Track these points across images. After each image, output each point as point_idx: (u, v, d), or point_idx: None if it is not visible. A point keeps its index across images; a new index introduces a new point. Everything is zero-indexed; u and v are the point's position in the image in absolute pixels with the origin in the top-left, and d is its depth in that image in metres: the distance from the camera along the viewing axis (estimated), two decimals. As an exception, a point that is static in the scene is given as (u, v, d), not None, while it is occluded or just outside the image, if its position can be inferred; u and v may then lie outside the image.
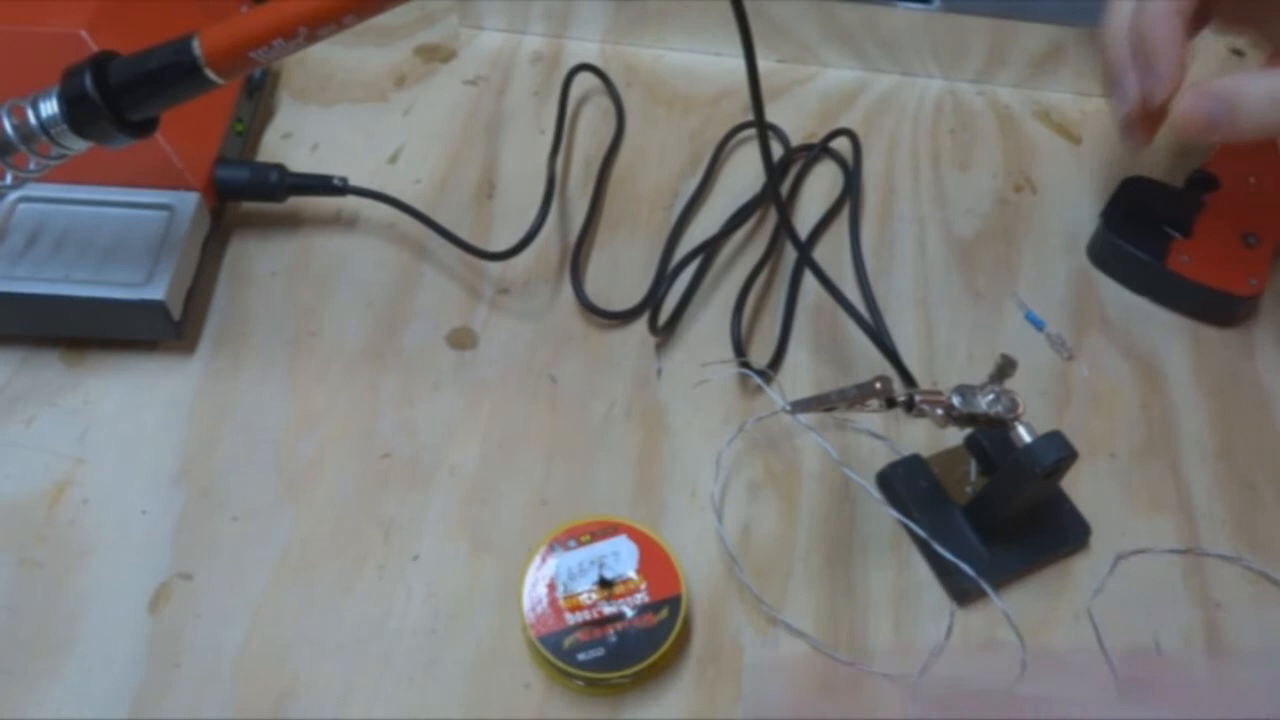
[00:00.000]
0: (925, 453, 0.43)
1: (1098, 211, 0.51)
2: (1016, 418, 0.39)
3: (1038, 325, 0.48)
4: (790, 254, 0.50)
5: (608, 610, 0.38)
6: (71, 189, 0.45)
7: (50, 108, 0.37)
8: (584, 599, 0.38)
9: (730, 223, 0.51)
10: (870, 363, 0.46)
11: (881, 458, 0.44)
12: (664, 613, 0.38)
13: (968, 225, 0.52)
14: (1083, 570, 0.42)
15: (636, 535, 0.39)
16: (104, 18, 0.44)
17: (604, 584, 0.38)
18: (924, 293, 0.49)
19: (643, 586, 0.38)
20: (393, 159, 0.53)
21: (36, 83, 0.38)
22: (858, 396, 0.37)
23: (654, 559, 0.39)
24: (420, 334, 0.47)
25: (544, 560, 0.39)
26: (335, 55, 0.57)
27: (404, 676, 0.38)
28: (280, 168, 0.48)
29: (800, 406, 0.38)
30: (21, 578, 0.39)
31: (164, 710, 0.37)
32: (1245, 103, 0.39)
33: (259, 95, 0.53)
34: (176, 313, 0.44)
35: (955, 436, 0.43)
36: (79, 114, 0.37)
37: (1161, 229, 0.49)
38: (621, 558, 0.39)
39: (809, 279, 0.49)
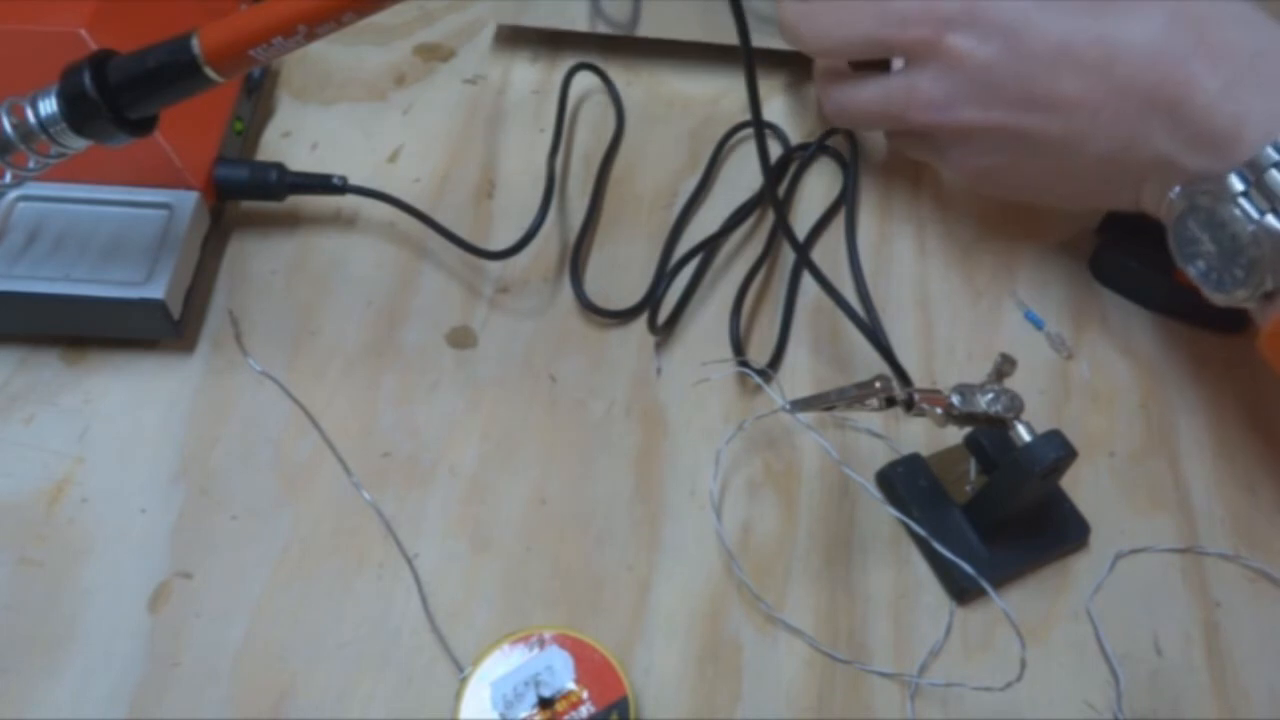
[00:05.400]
0: (925, 452, 0.43)
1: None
2: (1016, 416, 0.39)
3: (1037, 324, 0.48)
4: (790, 252, 0.50)
5: None
6: (71, 188, 0.45)
7: (49, 106, 0.37)
8: None
9: (730, 221, 0.51)
10: (870, 362, 0.45)
11: (881, 457, 0.44)
12: (613, 719, 0.36)
13: (967, 224, 0.52)
14: (1082, 569, 0.42)
15: (566, 641, 0.37)
16: (103, 17, 0.44)
17: (544, 704, 0.35)
18: (923, 291, 0.49)
19: (585, 696, 0.36)
20: (392, 158, 0.53)
21: (36, 81, 0.38)
22: (857, 395, 0.37)
23: (590, 663, 0.36)
24: (420, 333, 0.47)
25: (477, 694, 0.36)
26: (334, 54, 0.57)
27: (404, 676, 0.38)
28: (280, 167, 0.48)
29: (800, 405, 0.38)
30: (21, 577, 0.39)
31: (163, 709, 0.37)
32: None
33: (258, 94, 0.53)
34: (176, 312, 0.44)
35: (955, 436, 0.43)
36: (78, 112, 0.37)
37: (1164, 241, 0.49)
38: (556, 670, 0.36)
39: (808, 277, 0.49)
